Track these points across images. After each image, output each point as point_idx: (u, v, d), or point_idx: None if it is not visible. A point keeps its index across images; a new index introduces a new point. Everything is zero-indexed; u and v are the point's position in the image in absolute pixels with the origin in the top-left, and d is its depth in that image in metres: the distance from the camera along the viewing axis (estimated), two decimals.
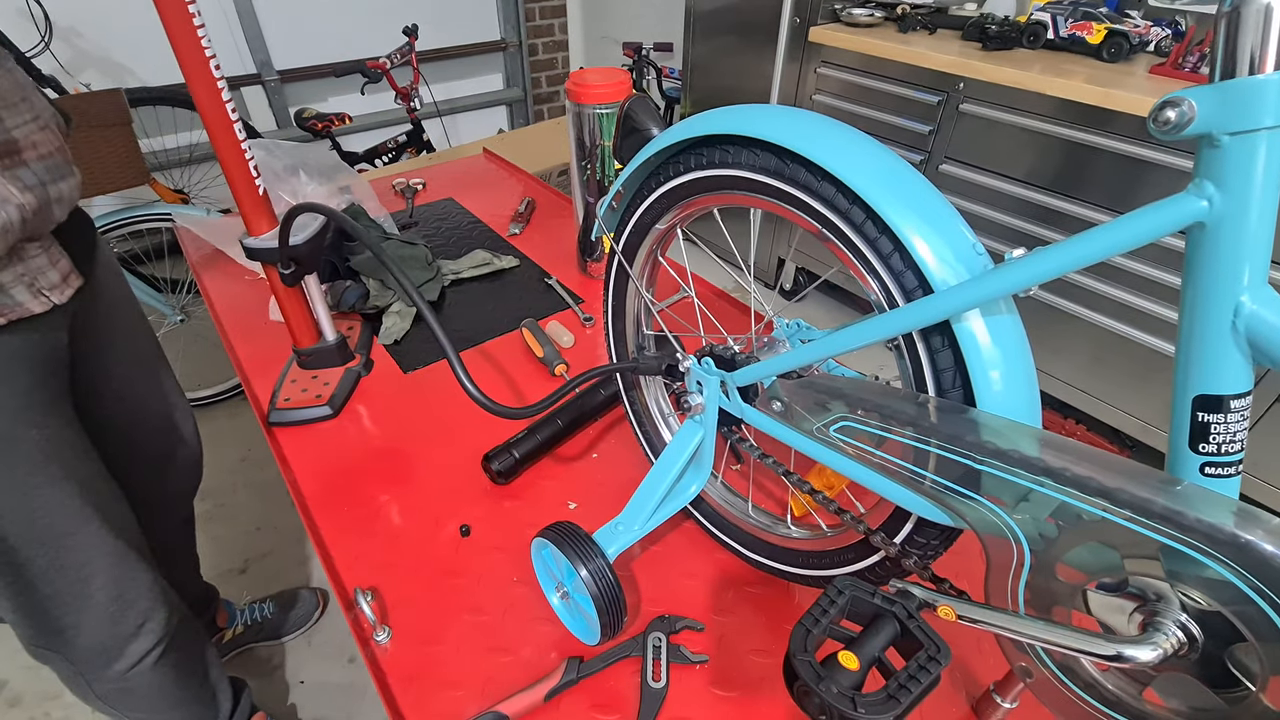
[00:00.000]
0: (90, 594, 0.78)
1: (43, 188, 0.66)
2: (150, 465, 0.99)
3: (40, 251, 0.68)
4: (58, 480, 0.73)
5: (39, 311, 0.68)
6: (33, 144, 0.66)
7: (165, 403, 1.00)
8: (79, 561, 0.77)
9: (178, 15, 0.69)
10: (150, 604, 0.85)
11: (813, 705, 0.41)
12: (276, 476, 1.79)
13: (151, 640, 0.86)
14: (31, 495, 0.71)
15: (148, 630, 0.85)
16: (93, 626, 0.80)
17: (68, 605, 0.77)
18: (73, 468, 0.75)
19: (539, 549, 0.69)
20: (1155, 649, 0.39)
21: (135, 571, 0.83)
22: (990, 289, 0.43)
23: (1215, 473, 0.39)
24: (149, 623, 0.85)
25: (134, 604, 0.83)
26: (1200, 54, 1.56)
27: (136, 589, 0.83)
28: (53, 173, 0.68)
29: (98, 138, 1.64)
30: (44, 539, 0.73)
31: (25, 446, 0.70)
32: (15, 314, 0.66)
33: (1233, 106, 0.33)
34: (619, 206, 0.74)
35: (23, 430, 0.70)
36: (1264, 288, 0.36)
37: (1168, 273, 1.56)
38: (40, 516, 0.73)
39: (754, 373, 0.62)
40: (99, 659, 0.83)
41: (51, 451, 0.73)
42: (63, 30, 2.26)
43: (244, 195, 0.84)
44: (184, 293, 2.02)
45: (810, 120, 0.53)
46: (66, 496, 0.74)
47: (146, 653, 0.86)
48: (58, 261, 0.70)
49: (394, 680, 0.65)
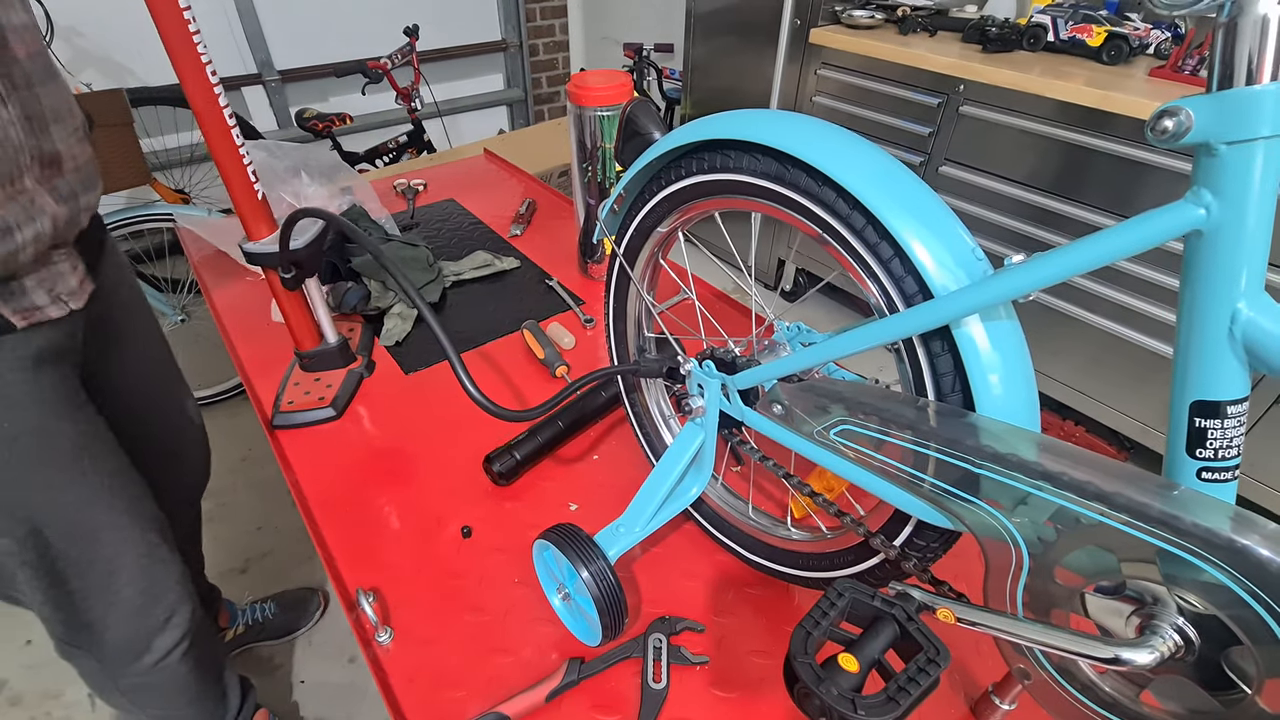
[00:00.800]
0: (119, 588, 0.79)
1: (75, 199, 0.67)
2: (160, 464, 0.99)
3: (63, 259, 0.69)
4: (89, 474, 0.74)
5: (56, 316, 0.68)
6: (72, 156, 0.67)
7: (175, 402, 1.00)
8: (108, 555, 0.77)
9: (173, 21, 0.69)
10: (177, 597, 0.86)
11: (813, 707, 0.42)
12: (277, 476, 1.79)
13: (178, 634, 0.86)
14: (65, 489, 0.72)
15: (174, 624, 0.86)
16: (121, 621, 0.81)
17: (97, 598, 0.78)
18: (102, 461, 0.76)
19: (540, 550, 0.69)
20: (1152, 652, 0.39)
21: (162, 565, 0.83)
22: (990, 294, 0.43)
23: (1212, 478, 0.40)
24: (175, 616, 0.86)
25: (161, 598, 0.84)
26: (1200, 57, 1.56)
27: (164, 582, 0.84)
28: (85, 184, 0.69)
29: (99, 138, 1.64)
30: (76, 533, 0.74)
31: (59, 440, 0.71)
32: (35, 318, 0.66)
33: (1230, 116, 0.34)
34: (620, 209, 0.75)
35: (55, 424, 0.70)
36: (1260, 295, 0.36)
37: (1167, 275, 1.57)
38: (73, 510, 0.73)
39: (754, 376, 0.62)
40: (127, 654, 0.83)
41: (83, 445, 0.73)
42: (63, 30, 2.26)
43: (243, 200, 0.84)
44: (185, 293, 2.03)
45: (811, 125, 0.53)
46: (97, 490, 0.75)
47: (173, 647, 0.86)
48: (76, 268, 0.71)
49: (395, 680, 0.65)
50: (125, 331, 0.88)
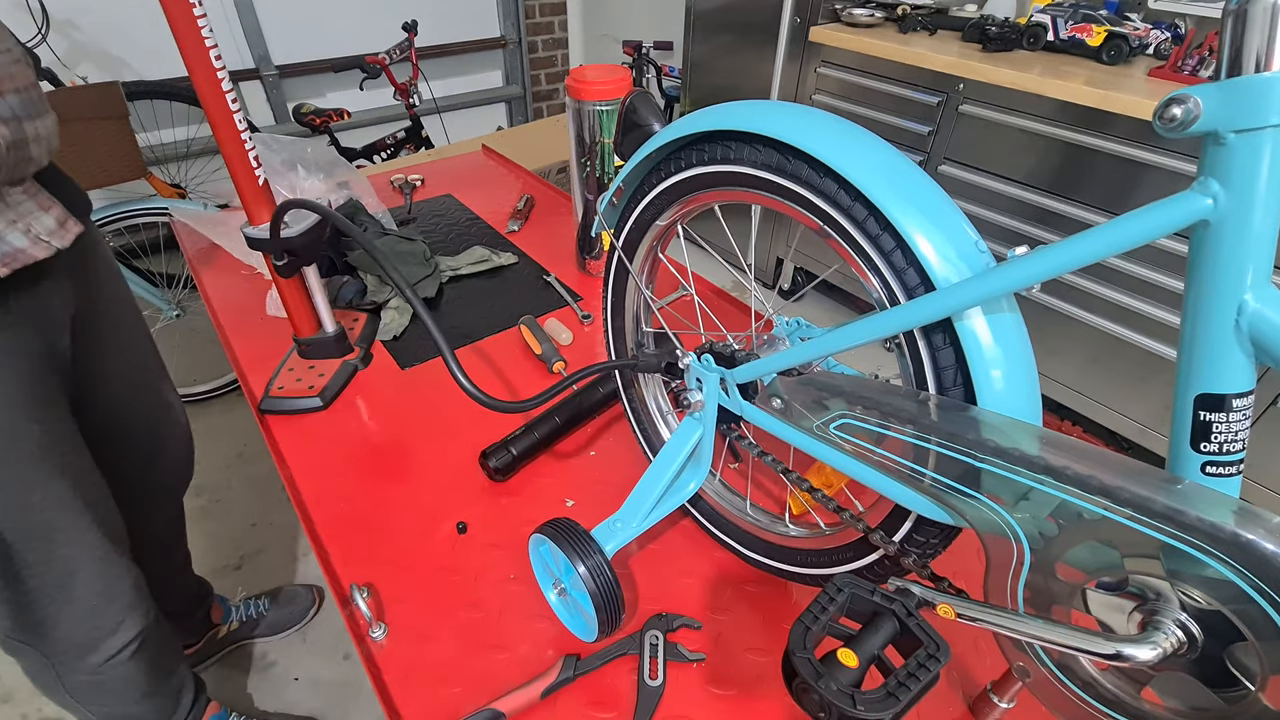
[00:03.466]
0: (74, 588, 0.78)
1: (18, 122, 0.64)
2: (142, 460, 0.99)
3: (26, 197, 0.66)
4: (54, 476, 0.73)
5: (42, 257, 0.66)
6: (9, 75, 0.64)
7: (159, 399, 0.99)
8: (67, 556, 0.76)
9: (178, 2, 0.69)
10: (131, 600, 0.85)
11: (812, 702, 0.41)
12: (271, 472, 1.78)
13: (129, 635, 0.86)
14: (30, 490, 0.71)
15: (126, 626, 0.85)
16: (73, 621, 0.80)
17: (51, 599, 0.77)
18: (67, 463, 0.75)
19: (537, 545, 0.68)
20: (1155, 648, 0.39)
21: (119, 568, 0.83)
22: (993, 286, 0.43)
23: (1216, 472, 0.39)
24: (127, 620, 0.85)
25: (115, 600, 0.83)
26: (1199, 57, 1.56)
27: (119, 585, 0.83)
28: (28, 108, 0.65)
29: (94, 130, 1.62)
30: (37, 534, 0.73)
31: (26, 442, 0.70)
32: (18, 261, 0.64)
33: (1239, 104, 0.33)
34: (619, 203, 0.74)
35: (24, 425, 0.69)
36: (1267, 286, 0.36)
37: (1165, 275, 1.56)
38: (35, 512, 0.72)
39: (754, 369, 0.62)
40: (75, 651, 0.83)
41: (49, 446, 0.72)
42: (59, 23, 2.24)
43: (244, 185, 0.84)
44: (180, 288, 2.01)
45: (813, 116, 0.53)
46: (61, 492, 0.74)
47: (122, 648, 0.86)
48: (49, 208, 0.68)
49: (390, 677, 0.65)
50: (111, 328, 0.87)
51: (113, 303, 0.87)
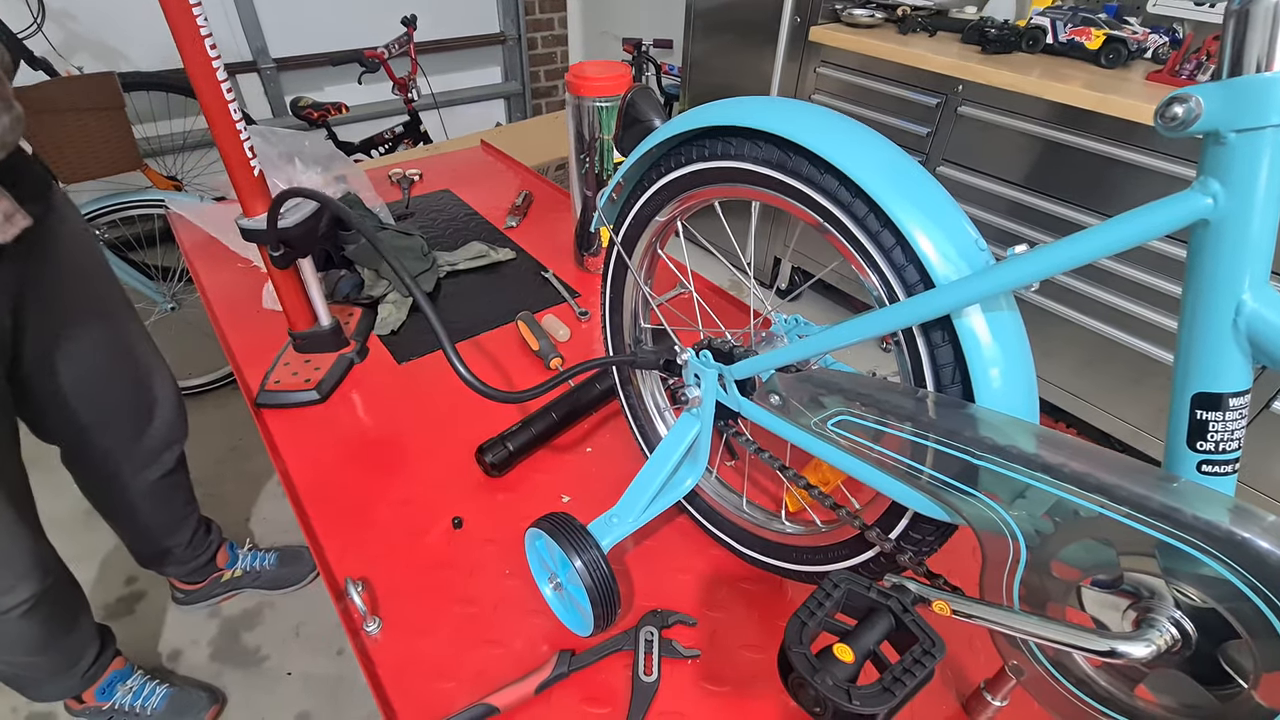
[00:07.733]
0: None
1: None
2: (124, 424, 1.03)
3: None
4: None
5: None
6: None
7: (136, 366, 1.02)
8: None
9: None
10: (27, 567, 0.89)
11: (807, 697, 0.41)
12: (266, 466, 1.78)
13: (20, 598, 0.89)
14: None
15: (19, 590, 0.89)
16: None
17: None
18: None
19: (533, 539, 0.68)
20: (1149, 645, 0.39)
21: (18, 536, 0.86)
22: (993, 284, 0.43)
23: (1213, 470, 0.39)
24: (21, 584, 0.89)
25: (10, 565, 0.87)
26: (1197, 62, 1.57)
27: (14, 550, 0.87)
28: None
29: (90, 121, 1.61)
30: None
31: None
32: None
33: (1240, 104, 0.33)
34: (619, 198, 0.74)
35: None
36: (1265, 287, 0.36)
37: (1160, 278, 1.57)
38: None
39: (752, 366, 0.62)
40: None
41: None
42: (55, 12, 2.23)
43: (240, 177, 0.84)
44: (175, 280, 2.00)
45: (814, 113, 0.53)
46: None
47: (13, 607, 0.89)
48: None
49: (384, 671, 0.64)
50: (77, 301, 0.89)
51: (82, 277, 0.89)
